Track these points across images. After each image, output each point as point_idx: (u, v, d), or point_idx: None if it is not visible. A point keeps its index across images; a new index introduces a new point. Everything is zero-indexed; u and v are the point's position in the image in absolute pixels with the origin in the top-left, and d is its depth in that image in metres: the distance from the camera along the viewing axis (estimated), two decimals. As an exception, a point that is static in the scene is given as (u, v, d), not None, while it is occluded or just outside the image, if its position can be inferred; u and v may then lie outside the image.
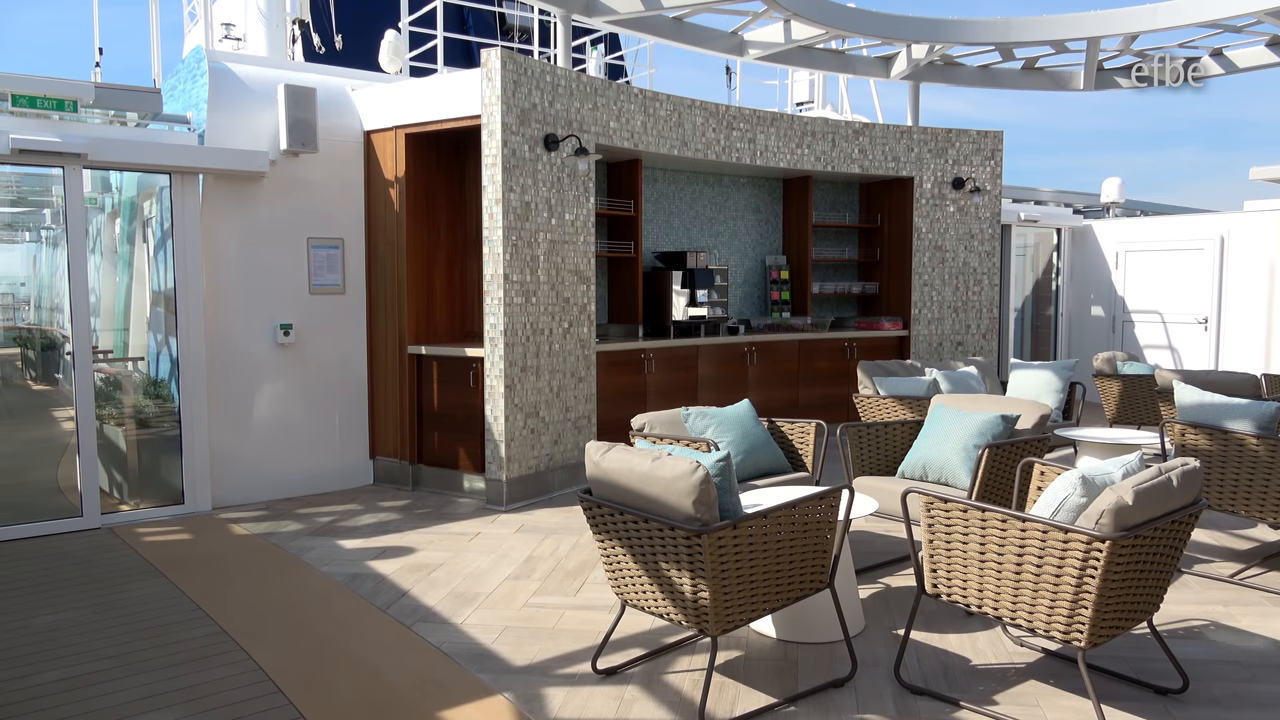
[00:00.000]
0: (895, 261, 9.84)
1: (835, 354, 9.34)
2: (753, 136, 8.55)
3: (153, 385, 7.08)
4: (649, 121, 7.69)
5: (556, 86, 6.85)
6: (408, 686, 3.73)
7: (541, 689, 3.70)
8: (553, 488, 6.99)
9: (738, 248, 9.53)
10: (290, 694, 3.65)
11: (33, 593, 4.89)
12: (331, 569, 5.25)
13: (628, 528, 3.56)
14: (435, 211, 7.43)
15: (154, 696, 3.64)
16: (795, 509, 3.57)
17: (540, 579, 5.07)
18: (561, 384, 7.01)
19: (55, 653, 4.08)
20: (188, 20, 11.53)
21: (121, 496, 6.78)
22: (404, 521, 6.32)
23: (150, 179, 6.83)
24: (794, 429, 5.54)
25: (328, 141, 7.06)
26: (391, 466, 7.39)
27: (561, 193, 6.93)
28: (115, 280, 7.57)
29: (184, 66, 7.32)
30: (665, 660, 3.98)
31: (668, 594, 3.50)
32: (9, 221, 7.48)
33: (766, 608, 3.58)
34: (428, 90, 6.97)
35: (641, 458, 3.48)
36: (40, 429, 7.06)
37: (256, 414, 6.89)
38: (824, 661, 3.94)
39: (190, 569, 5.27)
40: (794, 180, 9.66)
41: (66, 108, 6.11)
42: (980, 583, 3.48)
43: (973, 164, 9.76)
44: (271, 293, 6.92)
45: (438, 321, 7.49)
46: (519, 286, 6.63)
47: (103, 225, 7.52)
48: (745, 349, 8.70)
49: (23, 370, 7.46)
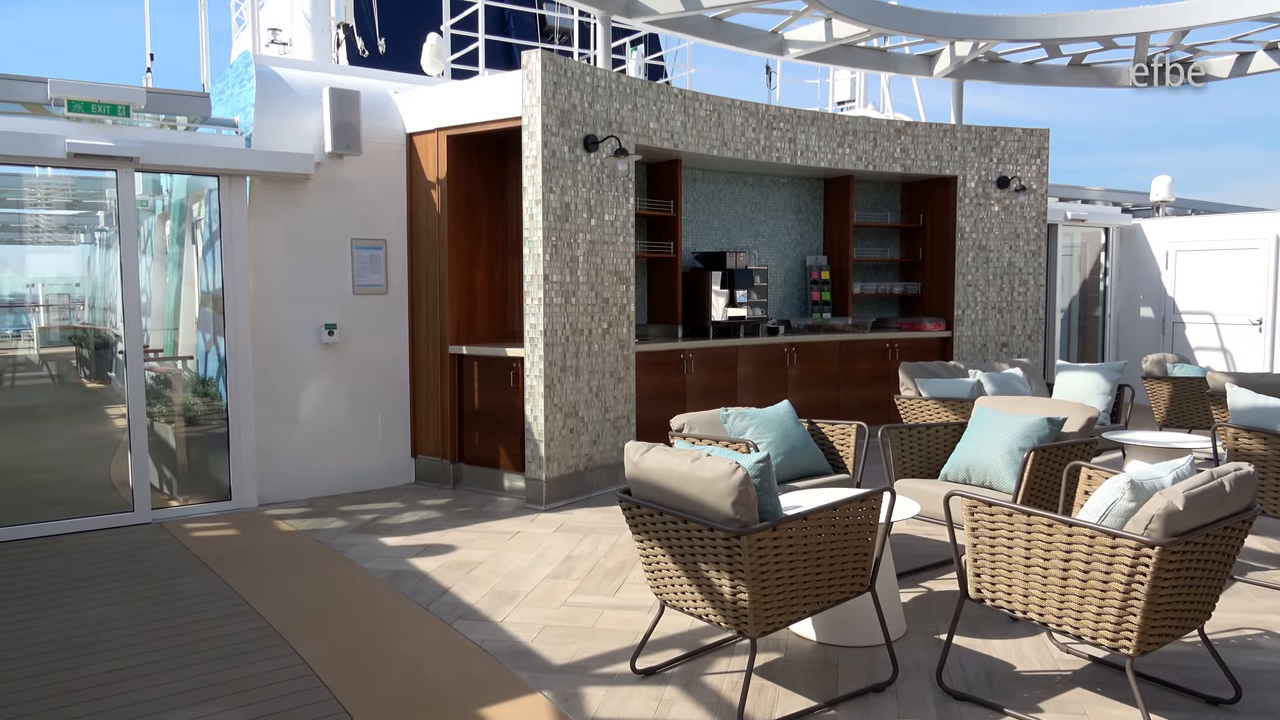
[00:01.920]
0: (938, 262, 9.72)
1: (876, 355, 9.25)
2: (793, 136, 8.50)
3: (201, 384, 7.23)
4: (689, 122, 7.68)
5: (596, 87, 6.87)
6: (449, 683, 3.77)
7: (580, 688, 3.71)
8: (592, 487, 7.01)
9: (778, 248, 9.48)
10: (334, 689, 3.70)
11: (85, 585, 5.01)
12: (374, 566, 5.32)
13: (667, 528, 3.56)
14: (476, 212, 7.49)
15: (201, 689, 3.72)
16: (836, 511, 3.55)
17: (579, 578, 5.09)
18: (601, 384, 7.03)
19: (106, 644, 4.18)
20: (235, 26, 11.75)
21: (171, 492, 6.93)
22: (445, 520, 6.37)
23: (199, 181, 6.97)
24: (834, 430, 5.50)
25: (371, 144, 7.15)
26: (433, 465, 7.46)
27: (601, 193, 6.95)
28: (165, 281, 7.74)
29: (232, 71, 7.46)
30: (704, 661, 3.97)
31: (707, 595, 3.49)
32: (64, 224, 7.68)
33: (806, 610, 3.56)
34: (469, 92, 7.03)
35: (681, 458, 3.48)
36: (94, 426, 7.24)
37: (301, 412, 7.00)
38: (864, 665, 3.90)
39: (237, 564, 5.37)
40: (835, 180, 9.58)
41: (119, 112, 6.26)
42: (1025, 588, 3.42)
43: (1018, 162, 9.61)
44: (316, 293, 7.02)
45: (478, 322, 7.54)
46: (559, 287, 6.66)
47: (153, 227, 7.70)
48: (785, 350, 8.65)
49: (77, 368, 7.66)
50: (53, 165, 6.17)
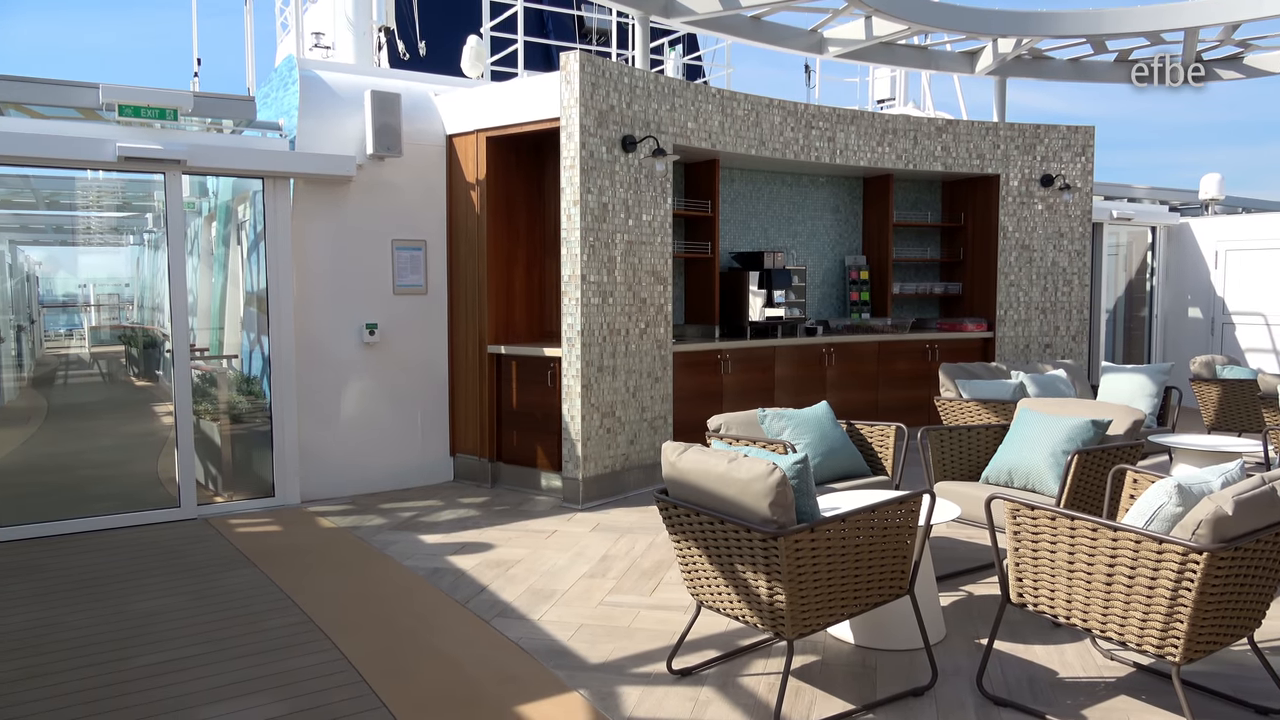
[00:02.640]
0: (979, 261, 9.60)
1: (916, 356, 9.16)
2: (832, 135, 8.44)
3: (245, 382, 7.36)
4: (726, 121, 7.66)
5: (634, 88, 6.88)
6: (487, 680, 3.80)
7: (617, 687, 3.72)
8: (628, 487, 7.02)
9: (816, 248, 9.42)
10: (373, 684, 3.75)
11: (133, 579, 5.12)
12: (413, 563, 5.38)
13: (703, 529, 3.56)
14: (515, 213, 7.54)
15: (244, 682, 3.78)
16: (874, 513, 3.52)
17: (616, 578, 5.10)
18: (638, 384, 7.04)
19: (153, 637, 4.27)
20: (280, 30, 11.94)
21: (216, 489, 7.07)
22: (483, 518, 6.42)
23: (244, 183, 7.09)
24: (873, 432, 5.45)
25: (411, 145, 7.23)
26: (471, 464, 7.53)
27: (639, 194, 6.96)
28: (211, 281, 7.89)
29: (276, 75, 7.58)
30: (741, 662, 3.96)
31: (743, 596, 3.48)
32: (114, 225, 7.86)
33: (844, 612, 3.53)
34: (507, 94, 7.07)
35: (718, 459, 3.47)
36: (142, 423, 7.40)
37: (343, 411, 7.10)
38: (903, 669, 3.87)
39: (280, 560, 5.45)
40: (874, 179, 9.50)
41: (167, 116, 6.39)
42: (1068, 593, 3.37)
43: (1062, 160, 9.46)
44: (357, 293, 7.12)
45: (517, 321, 7.59)
46: (596, 287, 6.68)
47: (200, 228, 7.85)
48: (823, 350, 8.60)
49: (126, 367, 7.83)
50: (104, 168, 6.32)
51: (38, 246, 8.36)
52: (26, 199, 7.47)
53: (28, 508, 6.07)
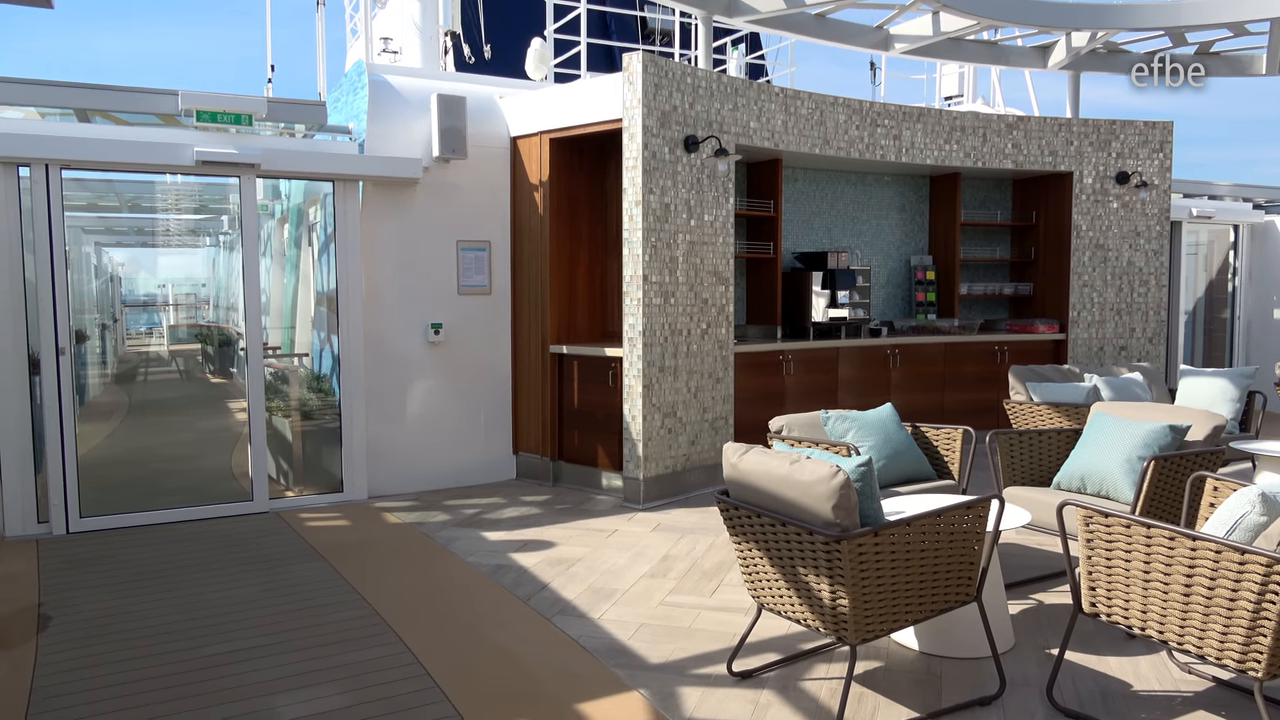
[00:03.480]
0: (1051, 261, 9.35)
1: (984, 358, 8.96)
2: (898, 133, 8.31)
3: (315, 380, 7.54)
4: (790, 120, 7.60)
5: (697, 88, 6.87)
6: (547, 677, 3.82)
7: (677, 688, 3.71)
8: (689, 488, 7.01)
9: (881, 247, 9.29)
10: (437, 677, 3.81)
11: (207, 570, 5.29)
12: (476, 560, 5.44)
13: (765, 531, 3.53)
14: (577, 214, 7.59)
15: (312, 673, 3.87)
16: (940, 518, 3.45)
17: (676, 578, 5.09)
18: (699, 384, 7.02)
19: (225, 626, 4.40)
20: (349, 36, 12.21)
21: (287, 483, 7.25)
22: (544, 516, 6.47)
23: (315, 186, 7.26)
24: (939, 435, 5.35)
25: (476, 148, 7.32)
26: (533, 462, 7.59)
27: (701, 194, 6.94)
28: (284, 281, 8.10)
29: (346, 80, 7.75)
30: (802, 666, 3.92)
31: (805, 600, 3.45)
32: (192, 228, 8.13)
33: (909, 619, 3.47)
34: (571, 96, 7.12)
35: (780, 460, 3.44)
36: (216, 419, 7.63)
37: (409, 409, 7.22)
38: (970, 677, 3.78)
39: (347, 554, 5.57)
40: (942, 177, 9.33)
41: (243, 121, 6.58)
42: (1144, 604, 3.26)
43: (1139, 157, 9.16)
44: (423, 293, 7.24)
45: (579, 321, 7.64)
46: (658, 287, 6.68)
47: (273, 230, 8.07)
48: (888, 351, 8.47)
49: (202, 364, 8.09)
50: (182, 172, 6.53)
51: (120, 248, 8.69)
52: (110, 202, 7.77)
53: (111, 499, 6.31)
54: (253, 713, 3.51)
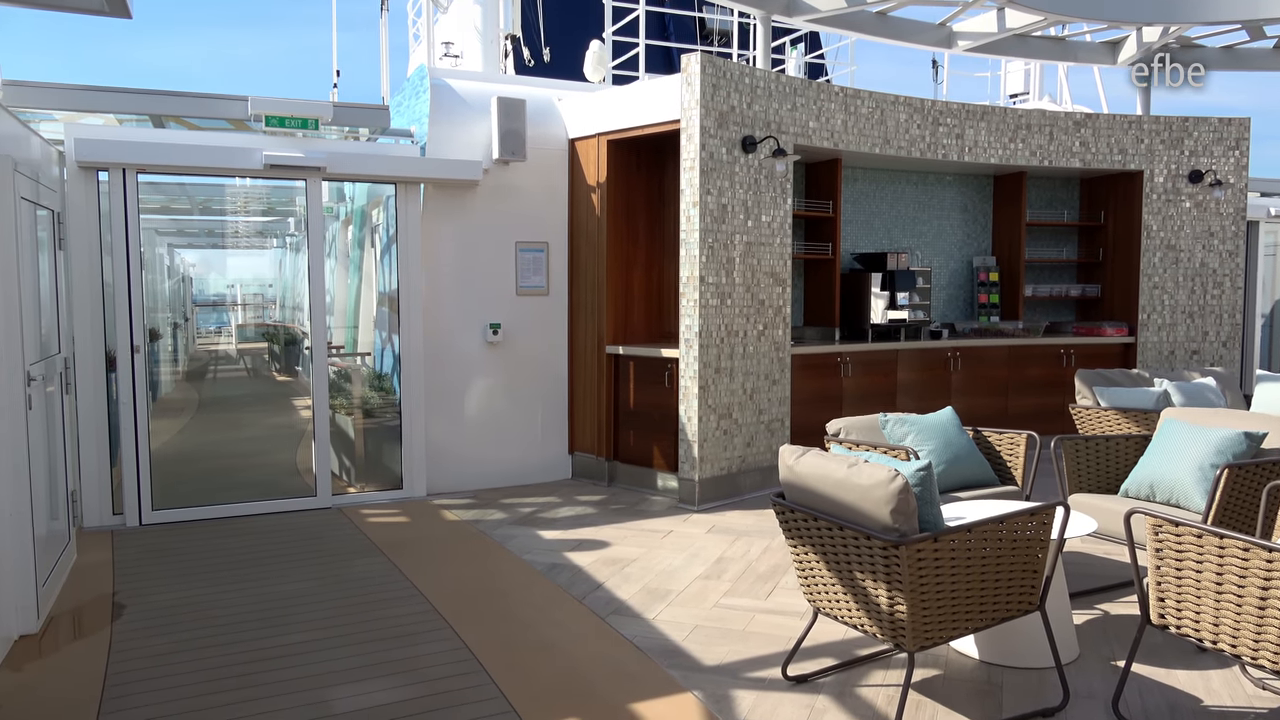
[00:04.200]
0: (1120, 262, 9.10)
1: (1049, 361, 8.76)
2: (960, 132, 8.16)
3: (377, 379, 7.69)
4: (849, 120, 7.52)
5: (755, 88, 6.84)
6: (601, 676, 3.84)
7: (731, 690, 3.70)
8: (744, 489, 6.98)
9: (942, 248, 9.13)
10: (493, 673, 3.85)
11: (272, 563, 5.42)
12: (532, 558, 5.49)
13: (821, 534, 3.50)
14: (634, 215, 7.61)
15: (371, 666, 3.95)
16: (1003, 525, 3.38)
17: (731, 580, 5.07)
18: (755, 386, 6.99)
19: (287, 619, 4.51)
20: (412, 41, 12.43)
21: (349, 480, 7.40)
22: (599, 516, 6.50)
23: (378, 189, 7.41)
24: (1002, 440, 5.25)
25: (535, 150, 7.39)
26: (589, 462, 7.63)
27: (758, 194, 6.91)
28: (347, 282, 8.27)
29: (409, 84, 7.89)
30: (858, 672, 3.87)
31: (862, 605, 3.41)
32: (260, 229, 8.35)
33: (969, 627, 3.41)
34: (628, 97, 7.14)
35: (837, 463, 3.41)
36: (282, 416, 7.83)
37: (467, 408, 7.32)
38: (1032, 688, 3.70)
39: (406, 550, 5.67)
40: (1006, 177, 9.14)
41: (309, 126, 6.74)
42: (1216, 616, 3.15)
43: (1213, 155, 8.86)
44: (482, 294, 7.33)
45: (635, 322, 7.66)
46: (714, 288, 6.66)
47: (337, 232, 8.24)
48: (949, 354, 8.32)
49: (269, 363, 8.31)
50: (251, 176, 6.71)
51: (192, 249, 8.96)
52: (183, 205, 8.02)
53: (181, 493, 6.51)
54: (315, 704, 3.60)
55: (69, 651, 4.14)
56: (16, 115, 4.79)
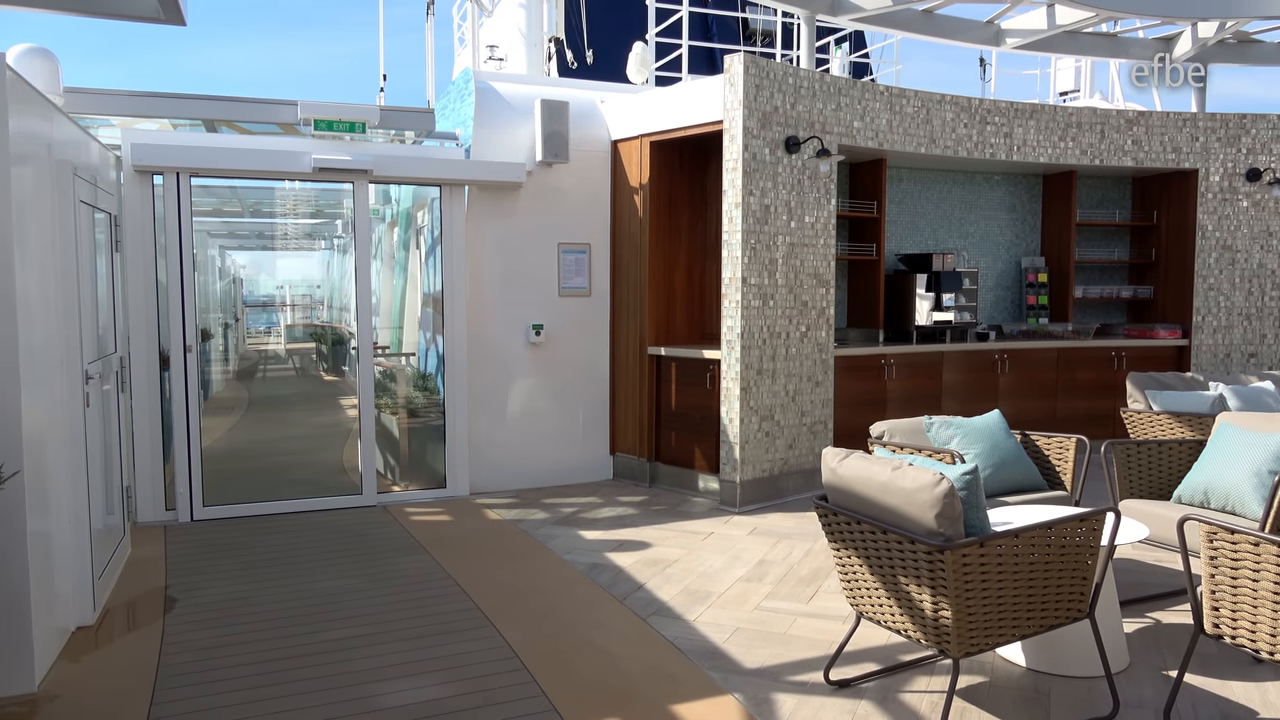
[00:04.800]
0: (1174, 263, 8.89)
1: (1100, 364, 8.59)
2: (1009, 131, 8.04)
3: (421, 379, 7.77)
4: (894, 119, 7.44)
5: (799, 88, 6.80)
6: (642, 676, 3.84)
7: (772, 693, 3.68)
8: (786, 492, 6.94)
9: (989, 249, 9.00)
10: (534, 672, 3.87)
11: (318, 560, 5.51)
12: (573, 557, 5.52)
13: (865, 538, 3.47)
14: (676, 216, 7.60)
15: (414, 662, 3.99)
16: (1051, 530, 3.32)
17: (772, 583, 5.05)
18: (798, 388, 6.94)
19: (332, 615, 4.58)
20: (457, 45, 12.55)
21: (394, 478, 7.50)
22: (641, 517, 6.51)
23: (423, 191, 7.49)
24: (1051, 444, 5.15)
25: (578, 152, 7.42)
26: (630, 463, 7.64)
27: (802, 195, 6.87)
28: (393, 283, 8.38)
29: (454, 87, 7.97)
30: (902, 678, 3.83)
31: (906, 610, 3.37)
32: (308, 231, 8.49)
33: (1015, 633, 3.35)
34: (671, 99, 7.14)
35: (881, 467, 3.37)
36: (329, 415, 7.96)
37: (510, 408, 7.37)
38: (1080, 697, 3.63)
39: (450, 548, 5.73)
40: (1055, 176, 8.98)
41: (357, 129, 6.84)
42: (1273, 627, 3.06)
43: (1272, 152, 8.62)
44: (525, 295, 7.37)
45: (677, 323, 7.65)
46: (757, 290, 6.64)
47: (383, 234, 8.36)
48: (996, 356, 8.20)
49: (316, 362, 8.45)
50: (300, 179, 6.83)
51: (242, 251, 9.15)
52: (234, 208, 8.19)
53: (231, 490, 6.65)
54: (360, 699, 3.65)
55: (123, 643, 4.25)
56: (76, 121, 4.92)
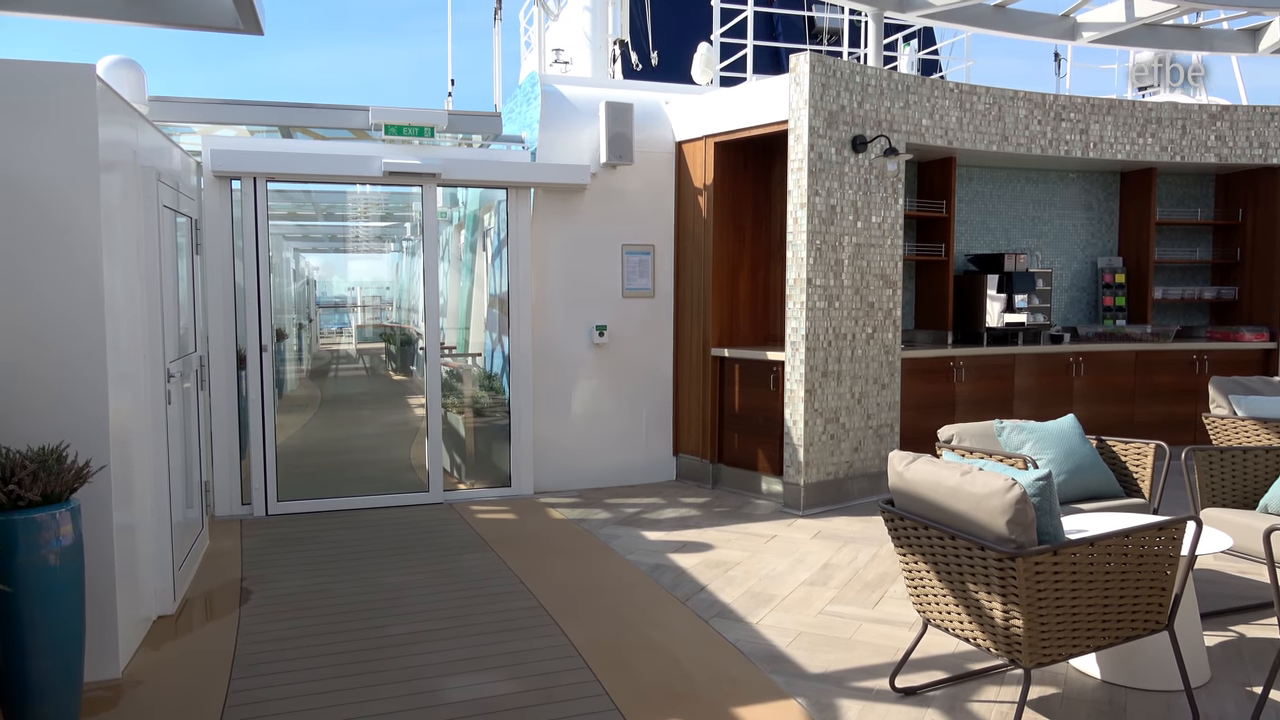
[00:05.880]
0: (1260, 263, 8.53)
1: (1181, 367, 8.29)
2: (1085, 127, 7.81)
3: (487, 379, 7.88)
4: (965, 117, 7.29)
5: (866, 86, 6.71)
6: (704, 679, 3.83)
7: (836, 699, 3.64)
8: (851, 495, 6.85)
9: (1064, 249, 8.76)
10: (596, 671, 3.89)
11: (386, 555, 5.62)
12: (636, 558, 5.53)
13: (933, 544, 3.40)
14: (740, 217, 7.57)
15: (478, 659, 4.05)
16: (1129, 539, 3.22)
17: (837, 587, 4.99)
18: (863, 390, 6.85)
19: (401, 609, 4.66)
20: (524, 49, 12.69)
21: (459, 476, 7.61)
22: (703, 518, 6.49)
23: (490, 194, 7.59)
24: (1128, 449, 4.99)
25: (642, 153, 7.44)
26: (693, 464, 7.63)
27: (868, 195, 6.78)
28: (459, 285, 8.51)
29: (520, 91, 8.06)
30: (970, 687, 3.75)
31: (975, 618, 3.30)
32: (379, 234, 8.67)
33: (1090, 644, 3.26)
34: (736, 99, 7.11)
35: (949, 471, 3.31)
36: (397, 414, 8.12)
37: (573, 408, 7.43)
38: (1158, 712, 3.51)
39: (514, 546, 5.79)
40: (1134, 173, 8.69)
41: (425, 134, 6.97)
42: (1370, 644, 2.92)
43: (1370, 147, 8.21)
44: (589, 296, 7.42)
45: (740, 324, 7.62)
46: (822, 291, 6.57)
47: (450, 236, 8.49)
48: (1070, 359, 7.97)
49: (385, 362, 8.63)
50: (371, 183, 6.99)
51: (315, 253, 9.39)
52: (308, 211, 8.41)
53: (304, 485, 6.83)
54: (425, 693, 3.71)
55: (201, 632, 4.39)
56: (160, 129, 5.11)
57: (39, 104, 3.69)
